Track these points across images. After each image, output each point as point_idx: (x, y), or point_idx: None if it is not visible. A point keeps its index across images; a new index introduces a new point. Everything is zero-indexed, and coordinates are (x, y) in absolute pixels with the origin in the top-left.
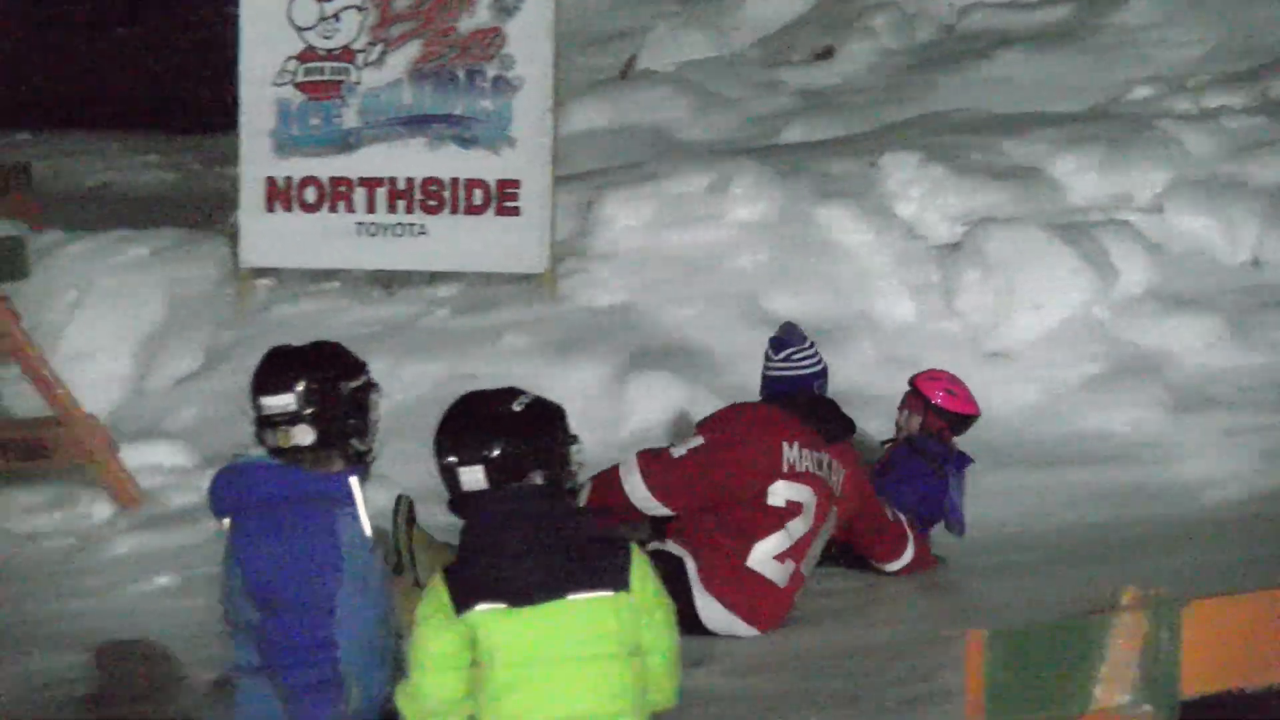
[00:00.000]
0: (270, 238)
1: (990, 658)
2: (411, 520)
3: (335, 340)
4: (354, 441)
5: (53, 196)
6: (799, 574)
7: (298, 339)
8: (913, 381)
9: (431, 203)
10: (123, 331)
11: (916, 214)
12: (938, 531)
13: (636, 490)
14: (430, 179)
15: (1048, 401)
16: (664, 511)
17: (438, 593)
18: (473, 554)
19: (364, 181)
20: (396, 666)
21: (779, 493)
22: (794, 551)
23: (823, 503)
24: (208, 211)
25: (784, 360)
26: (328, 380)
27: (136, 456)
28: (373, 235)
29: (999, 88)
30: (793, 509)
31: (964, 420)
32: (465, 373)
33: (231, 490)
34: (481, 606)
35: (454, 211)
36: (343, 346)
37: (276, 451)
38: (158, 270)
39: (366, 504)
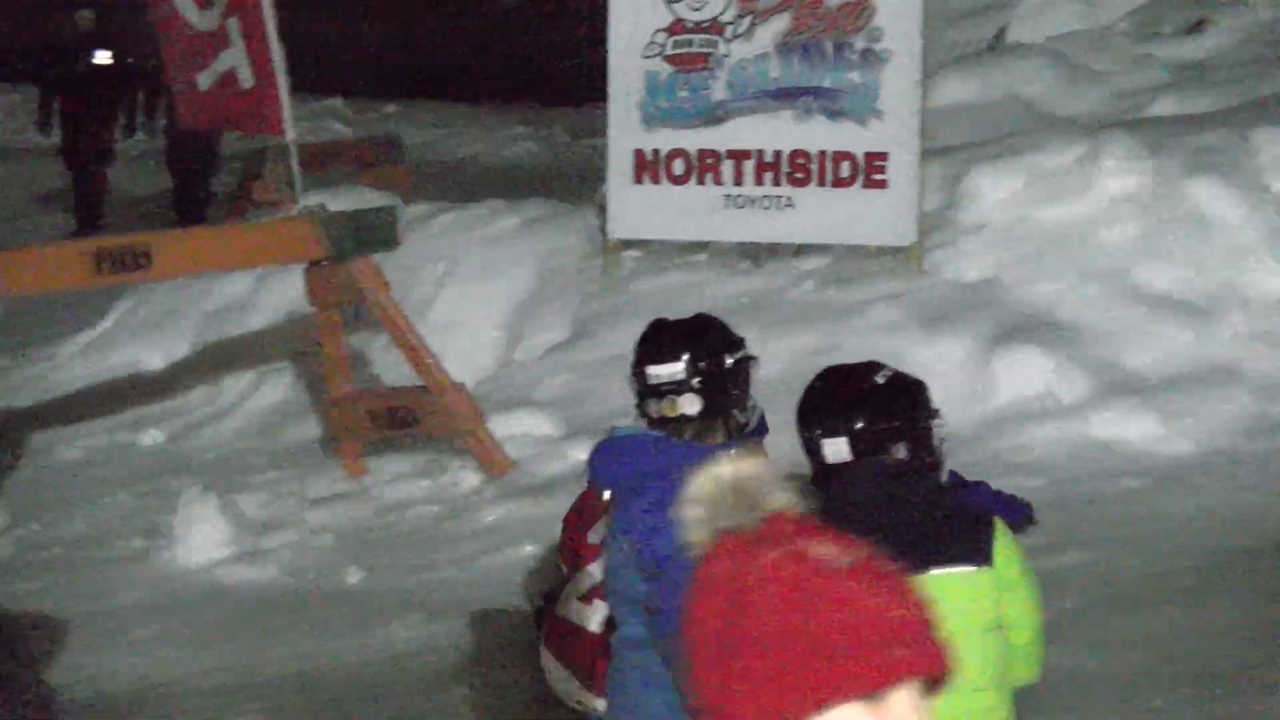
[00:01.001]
0: (638, 210)
1: None
2: None
3: (706, 314)
4: (736, 413)
5: (423, 168)
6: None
7: (665, 311)
8: None
9: (799, 175)
10: (491, 302)
11: None
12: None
13: None
14: (798, 151)
15: None
16: None
17: None
18: (834, 528)
19: (732, 154)
20: None
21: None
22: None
23: None
24: (576, 183)
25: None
26: (713, 351)
27: (504, 426)
28: (740, 208)
29: None
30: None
31: None
32: (831, 345)
33: (613, 462)
34: None
35: (821, 184)
36: (721, 320)
37: (659, 422)
38: (526, 241)
39: None
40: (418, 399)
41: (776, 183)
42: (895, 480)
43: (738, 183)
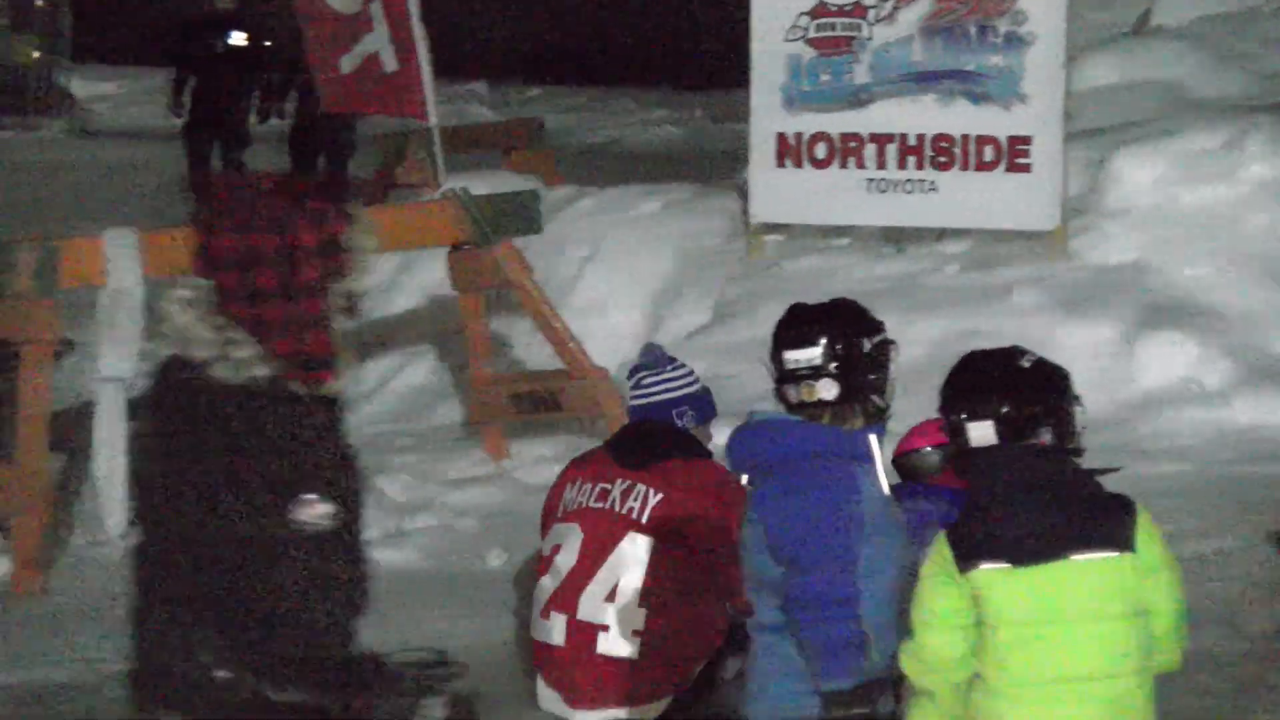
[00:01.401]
0: (780, 193)
1: None
2: None
3: (850, 297)
4: (874, 398)
5: (565, 152)
6: (586, 628)
7: (807, 295)
8: None
9: (942, 159)
10: (633, 285)
11: None
12: None
13: None
14: (941, 135)
15: None
16: None
17: (940, 551)
18: (976, 511)
19: (874, 138)
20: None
21: (550, 540)
22: (560, 598)
23: (602, 534)
24: (717, 167)
25: (634, 386)
26: (851, 336)
27: None
28: (883, 192)
29: None
30: (554, 551)
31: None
32: (973, 330)
33: (750, 447)
34: (985, 565)
35: (964, 168)
36: (860, 304)
37: (796, 407)
38: (668, 225)
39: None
40: (559, 382)
41: (920, 166)
42: (1039, 464)
43: (880, 166)
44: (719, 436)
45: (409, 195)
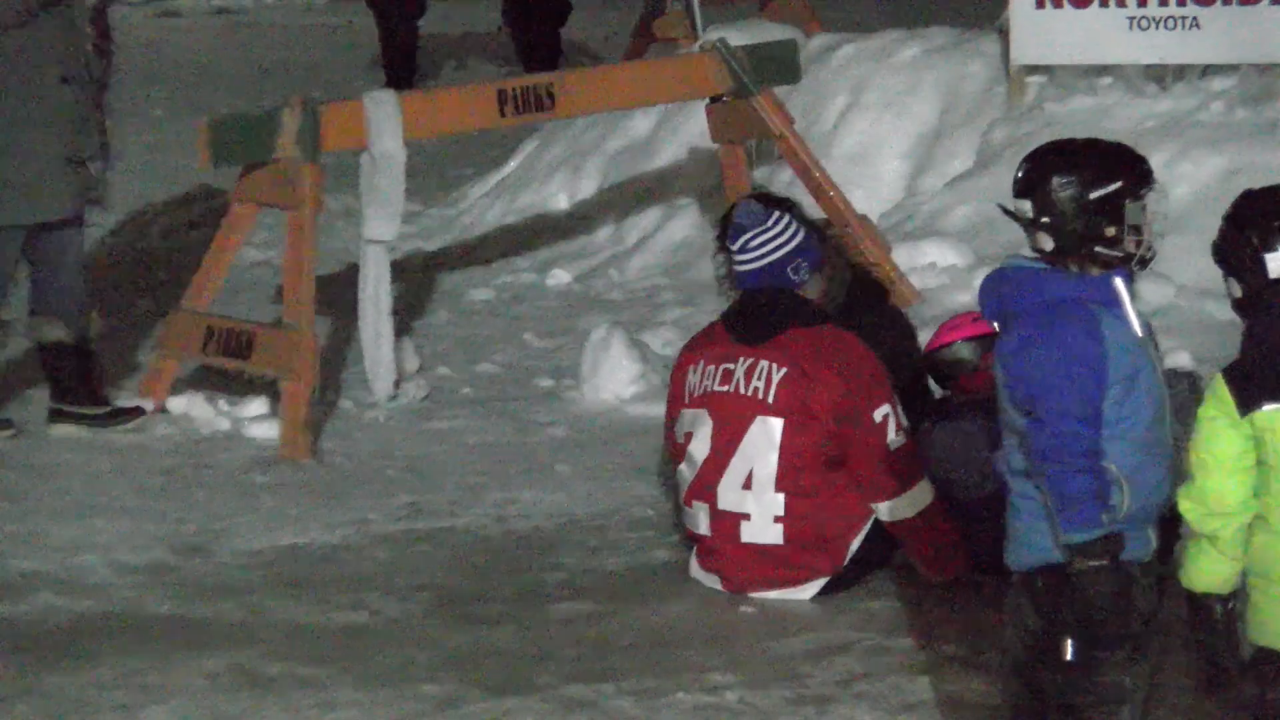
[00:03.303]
0: (1042, 34)
1: None
2: None
3: (1112, 139)
4: (1101, 250)
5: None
6: (728, 517)
7: (1071, 136)
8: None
9: None
10: (895, 133)
11: None
12: None
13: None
14: None
15: None
16: None
17: (1220, 394)
18: (1259, 350)
19: None
20: (1172, 464)
21: (681, 427)
22: (699, 489)
23: (730, 419)
24: (978, 9)
25: (740, 250)
26: (1072, 185)
27: (910, 257)
28: (1145, 29)
29: None
30: (687, 439)
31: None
32: (1242, 166)
33: (996, 296)
34: (1269, 406)
35: (1228, 2)
36: (1112, 146)
37: (1039, 254)
38: (928, 70)
39: (1137, 301)
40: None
41: (1182, 2)
42: None
43: (1142, 4)
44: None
45: (668, 49)
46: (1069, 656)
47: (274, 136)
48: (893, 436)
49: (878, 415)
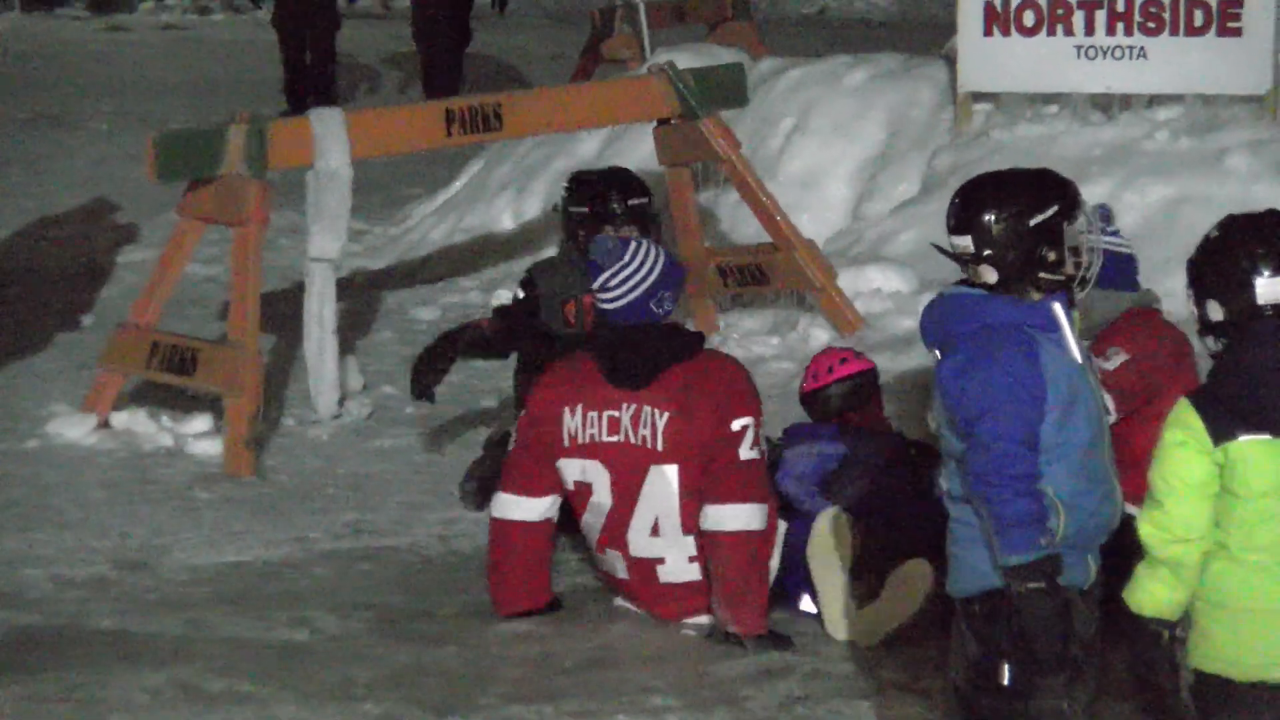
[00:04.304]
0: (989, 62)
1: None
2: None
3: (1058, 166)
4: (1044, 275)
5: (770, 23)
6: (644, 562)
7: (1016, 164)
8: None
9: (1151, 24)
10: (841, 158)
11: None
12: None
13: None
14: (1150, 0)
15: None
16: None
17: (1187, 420)
18: (1239, 378)
19: (1082, 4)
20: (1112, 489)
21: (569, 474)
22: (610, 538)
23: (626, 470)
24: (925, 36)
25: (600, 289)
26: (1010, 217)
27: (855, 282)
28: (1092, 59)
29: None
30: (585, 491)
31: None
32: (1188, 195)
33: (936, 323)
34: (1245, 436)
35: (1174, 33)
36: (1036, 173)
37: (986, 287)
38: (876, 95)
39: (1077, 325)
40: (768, 256)
41: (1129, 32)
42: None
43: (1089, 33)
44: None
45: (615, 70)
46: (1006, 681)
47: (221, 152)
48: (746, 450)
49: (736, 425)
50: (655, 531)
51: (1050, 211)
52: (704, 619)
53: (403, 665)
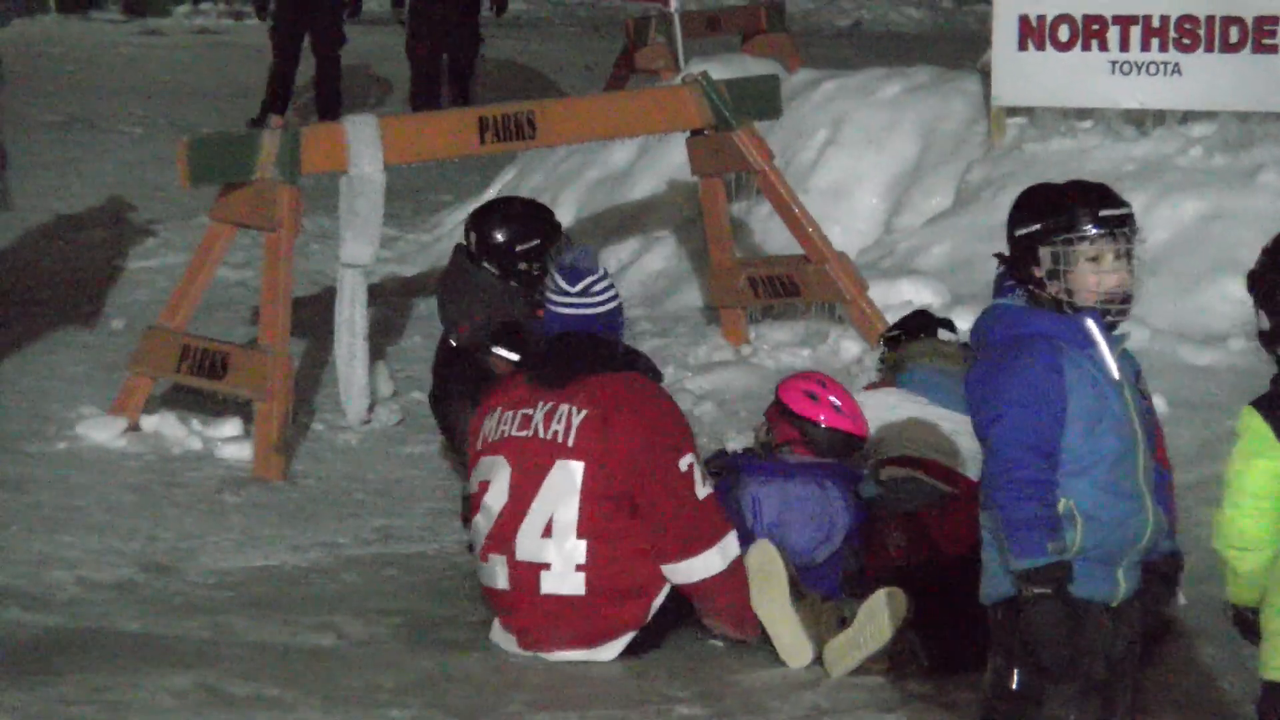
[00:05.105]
0: (1023, 76)
1: None
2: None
3: (1077, 180)
4: (1034, 289)
5: (805, 35)
6: (527, 568)
7: (1049, 178)
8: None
9: (1186, 40)
10: (874, 170)
11: None
12: None
13: None
14: (1186, 16)
15: None
16: None
17: (1256, 428)
18: None
19: (1118, 19)
20: (1142, 505)
21: (477, 475)
22: (496, 541)
23: (529, 464)
24: (960, 49)
25: (581, 294)
26: (1011, 224)
27: (886, 295)
28: (1126, 74)
29: None
30: (482, 488)
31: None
32: (1220, 211)
33: (978, 330)
34: None
35: (1209, 49)
36: (1056, 189)
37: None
38: (909, 108)
39: (1121, 342)
40: (799, 268)
41: (1164, 48)
42: None
43: (1124, 48)
44: (961, 322)
45: (649, 80)
46: (1014, 686)
47: (254, 157)
48: (700, 487)
49: (683, 465)
50: (548, 531)
51: (1032, 228)
52: (570, 654)
53: (429, 671)
